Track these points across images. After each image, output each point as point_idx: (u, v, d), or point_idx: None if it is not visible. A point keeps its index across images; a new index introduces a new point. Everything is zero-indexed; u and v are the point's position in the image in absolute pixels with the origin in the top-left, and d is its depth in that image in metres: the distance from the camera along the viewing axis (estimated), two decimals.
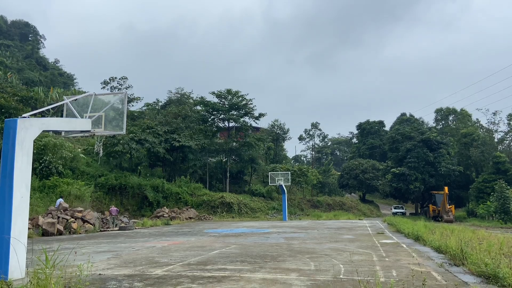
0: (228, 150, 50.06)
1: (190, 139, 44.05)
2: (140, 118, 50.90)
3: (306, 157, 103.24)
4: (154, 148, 40.39)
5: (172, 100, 60.32)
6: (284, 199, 39.24)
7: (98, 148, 12.29)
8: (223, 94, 49.82)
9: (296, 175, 51.28)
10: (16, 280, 7.41)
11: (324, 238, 18.37)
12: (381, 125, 79.21)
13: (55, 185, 29.04)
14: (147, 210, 36.76)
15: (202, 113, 51.84)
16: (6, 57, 65.96)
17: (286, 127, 68.86)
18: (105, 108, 10.88)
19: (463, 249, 10.56)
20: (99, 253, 13.12)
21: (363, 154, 73.52)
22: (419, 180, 51.09)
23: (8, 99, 34.39)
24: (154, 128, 42.71)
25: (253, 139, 50.30)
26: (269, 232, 22.09)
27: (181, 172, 47.49)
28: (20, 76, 59.97)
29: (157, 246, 15.13)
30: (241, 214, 41.00)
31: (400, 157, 54.11)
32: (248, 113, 50.63)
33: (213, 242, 16.72)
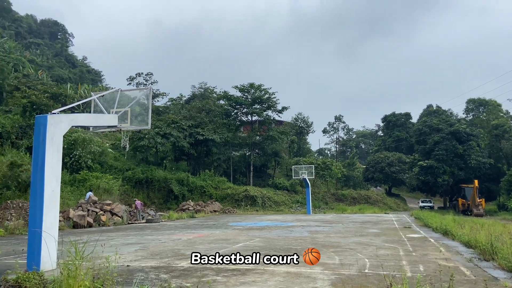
0: (252, 143, 50.15)
1: (214, 133, 44.30)
2: (165, 113, 51.53)
3: (330, 150, 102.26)
4: (179, 142, 40.85)
5: (195, 95, 60.82)
6: (308, 192, 39.03)
7: (124, 142, 12.52)
8: (246, 88, 49.80)
9: (320, 169, 50.88)
10: (48, 271, 7.70)
11: (349, 232, 18.18)
12: (408, 117, 77.44)
13: (85, 179, 29.80)
14: (172, 203, 37.30)
15: (225, 107, 52.01)
16: (36, 55, 68.06)
17: (310, 120, 68.33)
18: (131, 103, 11.07)
19: (493, 243, 10.25)
20: (127, 245, 13.42)
21: (389, 147, 72.19)
22: (448, 173, 49.80)
23: (39, 96, 35.56)
24: (179, 122, 43.14)
25: (276, 133, 50.15)
26: (293, 226, 22.03)
27: (205, 165, 47.89)
28: (50, 73, 61.82)
29: (183, 239, 15.33)
30: (265, 208, 41.08)
31: (428, 149, 52.83)
32: (271, 106, 50.45)
33: (237, 235, 16.81)
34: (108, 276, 6.28)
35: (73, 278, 6.17)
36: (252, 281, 7.46)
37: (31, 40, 77.28)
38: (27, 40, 76.74)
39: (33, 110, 32.37)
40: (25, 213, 19.08)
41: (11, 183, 22.86)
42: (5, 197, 22.00)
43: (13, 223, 18.02)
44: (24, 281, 6.45)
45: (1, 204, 20.52)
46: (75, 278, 6.16)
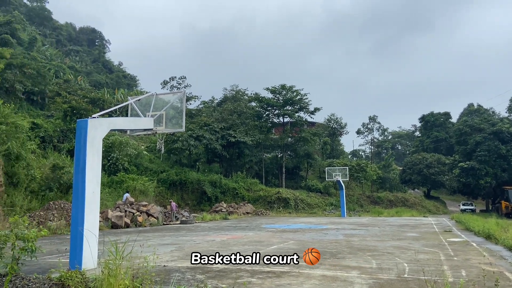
0: (283, 145, 50.00)
1: (246, 135, 44.46)
2: (197, 115, 52.26)
3: (365, 151, 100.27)
4: (211, 145, 41.25)
5: (227, 97, 61.36)
6: (342, 195, 38.46)
7: (160, 145, 12.81)
8: (278, 89, 49.71)
9: (355, 170, 49.99)
10: (89, 270, 8.00)
11: (386, 235, 17.77)
12: (447, 117, 74.76)
13: (122, 181, 30.68)
14: (206, 204, 37.74)
15: (257, 109, 52.11)
16: (76, 62, 71.01)
17: (343, 121, 67.39)
18: (165, 107, 11.34)
19: None
20: (163, 245, 13.71)
21: (427, 148, 69.92)
22: (490, 174, 47.60)
23: (79, 101, 37.10)
24: (211, 125, 43.58)
25: (309, 134, 49.75)
26: (327, 229, 21.79)
27: (237, 167, 48.13)
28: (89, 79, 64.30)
29: (217, 240, 15.49)
30: (297, 210, 40.84)
31: (469, 150, 50.74)
32: (303, 108, 50.14)
33: (270, 237, 16.80)
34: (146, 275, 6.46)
35: (113, 277, 6.38)
36: (288, 284, 7.45)
37: (71, 47, 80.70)
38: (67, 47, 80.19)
39: (73, 115, 33.72)
40: (67, 214, 19.90)
41: (54, 185, 23.91)
42: (47, 198, 23.03)
43: (56, 223, 18.83)
44: (67, 279, 6.73)
45: (44, 205, 21.53)
46: (115, 277, 6.37)
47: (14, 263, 6.69)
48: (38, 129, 30.41)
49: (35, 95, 41.76)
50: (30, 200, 22.42)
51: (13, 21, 57.33)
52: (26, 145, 23.73)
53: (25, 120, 28.38)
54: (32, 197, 22.82)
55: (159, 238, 16.32)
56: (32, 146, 25.16)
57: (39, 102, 42.35)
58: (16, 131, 22.25)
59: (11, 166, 22.15)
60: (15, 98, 38.29)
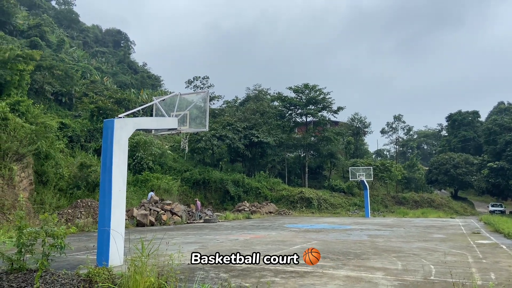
0: (306, 145, 49.81)
1: (268, 134, 44.49)
2: (220, 115, 52.57)
3: (389, 151, 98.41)
4: (234, 144, 41.47)
5: (250, 97, 61.47)
6: (366, 195, 37.97)
7: (184, 144, 12.96)
8: (300, 88, 49.55)
9: (379, 170, 49.23)
10: (116, 267, 8.17)
11: (411, 236, 17.45)
12: (476, 116, 72.60)
13: (147, 180, 31.24)
14: (228, 203, 38.00)
15: (279, 108, 52.07)
16: (102, 63, 72.65)
17: (367, 120, 66.40)
18: (189, 107, 11.48)
19: None
20: (187, 243, 13.87)
21: (454, 147, 68.14)
22: None
23: (105, 101, 37.94)
24: (234, 124, 43.80)
25: (332, 134, 49.37)
26: (351, 229, 21.57)
27: (260, 167, 48.18)
28: (114, 79, 65.68)
29: (240, 239, 15.57)
30: (321, 210, 40.60)
31: (498, 150, 49.21)
32: (326, 107, 49.79)
33: (293, 237, 16.78)
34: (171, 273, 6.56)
35: (139, 274, 6.50)
36: (311, 284, 7.42)
37: (97, 49, 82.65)
38: (93, 48, 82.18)
39: (100, 115, 34.53)
40: (94, 212, 20.42)
41: (81, 183, 24.58)
42: (75, 197, 23.70)
43: (83, 221, 19.35)
44: (94, 275, 6.90)
45: (71, 203, 22.16)
46: (141, 274, 6.50)
47: (44, 259, 6.90)
48: (66, 129, 31.30)
49: (63, 96, 43.00)
50: (58, 198, 23.10)
51: (42, 24, 59.17)
52: (55, 145, 24.49)
53: (53, 120, 29.31)
54: (60, 195, 23.51)
55: (183, 237, 16.51)
56: (61, 145, 25.93)
57: (67, 102, 43.58)
58: (45, 131, 22.98)
59: (41, 165, 22.92)
60: (44, 99, 39.55)
